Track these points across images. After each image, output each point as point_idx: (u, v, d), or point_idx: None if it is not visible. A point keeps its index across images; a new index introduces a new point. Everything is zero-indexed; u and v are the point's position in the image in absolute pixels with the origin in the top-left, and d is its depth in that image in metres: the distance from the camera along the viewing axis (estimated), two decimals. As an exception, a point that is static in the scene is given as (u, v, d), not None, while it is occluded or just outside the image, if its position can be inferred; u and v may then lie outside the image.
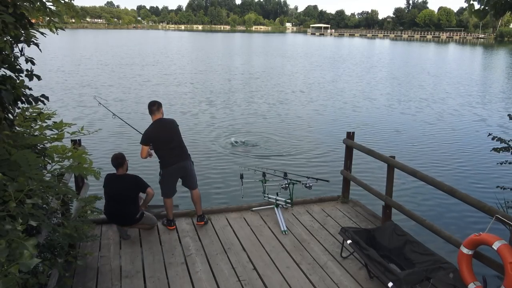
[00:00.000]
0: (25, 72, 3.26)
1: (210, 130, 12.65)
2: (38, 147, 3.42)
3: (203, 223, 5.39)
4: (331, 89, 21.65)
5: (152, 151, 5.13)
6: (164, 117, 5.15)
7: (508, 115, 6.60)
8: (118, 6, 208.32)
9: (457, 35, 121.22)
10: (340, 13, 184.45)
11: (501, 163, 6.31)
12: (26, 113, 3.63)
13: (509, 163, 6.14)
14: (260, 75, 27.19)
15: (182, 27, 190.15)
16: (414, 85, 23.97)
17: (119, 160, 4.89)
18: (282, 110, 15.95)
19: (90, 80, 22.48)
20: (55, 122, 3.69)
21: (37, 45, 3.36)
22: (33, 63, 3.28)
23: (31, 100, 3.38)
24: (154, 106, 5.04)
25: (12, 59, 3.17)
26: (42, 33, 3.29)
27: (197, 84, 22.42)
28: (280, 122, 13.89)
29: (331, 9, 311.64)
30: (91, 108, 14.70)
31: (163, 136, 5.00)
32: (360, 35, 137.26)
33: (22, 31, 3.15)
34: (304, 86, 22.52)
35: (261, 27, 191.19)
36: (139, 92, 19.23)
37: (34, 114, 3.71)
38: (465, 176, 9.15)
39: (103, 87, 20.36)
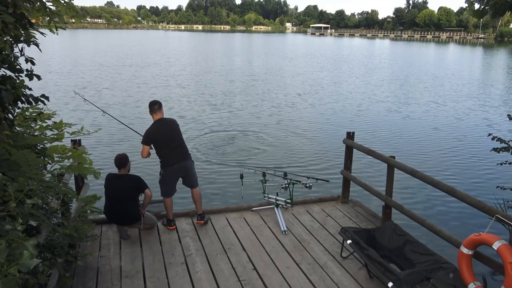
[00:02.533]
0: (25, 72, 3.25)
1: (211, 129, 12.64)
2: (38, 147, 3.42)
3: (203, 222, 5.39)
4: (332, 89, 21.64)
5: (151, 150, 5.13)
6: (164, 117, 5.14)
7: (508, 115, 6.60)
8: (118, 6, 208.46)
9: (457, 35, 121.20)
10: (340, 13, 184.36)
11: (501, 163, 6.30)
12: (26, 113, 3.62)
13: (509, 163, 6.13)
14: (261, 76, 27.20)
15: (182, 27, 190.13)
16: (414, 85, 23.97)
17: (122, 160, 4.91)
18: (282, 110, 15.95)
19: (87, 82, 22.39)
20: (55, 122, 3.68)
21: (37, 45, 3.36)
22: (33, 63, 3.27)
23: (31, 100, 3.38)
24: (156, 106, 5.04)
25: (12, 59, 3.16)
26: (42, 33, 3.29)
27: (199, 85, 22.43)
28: (280, 122, 13.89)
29: (331, 9, 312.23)
30: (88, 112, 14.65)
31: (164, 136, 5.00)
32: (360, 35, 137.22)
33: (22, 31, 3.15)
34: (305, 87, 22.52)
35: (261, 27, 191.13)
36: (137, 94, 19.25)
37: (34, 114, 3.70)
38: (465, 176, 9.15)
39: (102, 90, 20.36)
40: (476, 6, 4.24)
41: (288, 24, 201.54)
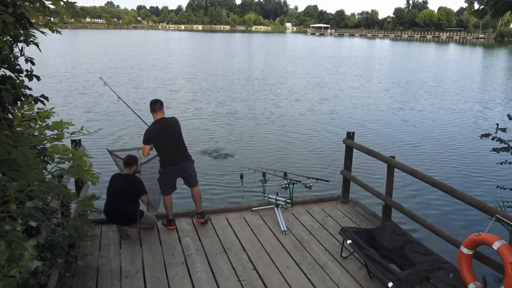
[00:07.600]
0: (25, 72, 3.25)
1: (211, 129, 12.64)
2: (38, 147, 3.41)
3: (203, 220, 5.38)
4: (332, 89, 21.65)
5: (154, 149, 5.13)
6: (165, 116, 5.13)
7: (508, 115, 6.60)
8: (118, 6, 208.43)
9: (457, 35, 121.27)
10: (340, 13, 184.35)
11: (501, 163, 6.30)
12: (22, 111, 3.59)
13: (509, 163, 6.13)
14: (261, 77, 27.20)
15: (182, 27, 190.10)
16: (415, 85, 23.97)
17: (130, 160, 4.96)
18: (282, 110, 15.95)
19: (84, 85, 22.35)
20: (54, 122, 3.67)
21: (37, 45, 3.35)
22: (33, 63, 3.26)
23: (31, 101, 3.37)
24: (157, 105, 5.02)
25: (12, 59, 3.16)
26: (42, 32, 3.28)
27: (199, 84, 22.44)
28: (281, 122, 13.89)
29: (331, 9, 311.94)
30: (85, 120, 14.65)
31: (163, 137, 4.99)
32: (360, 35, 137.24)
33: (22, 31, 3.14)
34: (305, 87, 22.52)
35: (261, 27, 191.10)
36: (138, 100, 19.25)
37: (34, 114, 3.69)
38: (465, 176, 9.15)
39: (101, 93, 20.34)
40: (476, 6, 4.24)
41: (288, 24, 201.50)
